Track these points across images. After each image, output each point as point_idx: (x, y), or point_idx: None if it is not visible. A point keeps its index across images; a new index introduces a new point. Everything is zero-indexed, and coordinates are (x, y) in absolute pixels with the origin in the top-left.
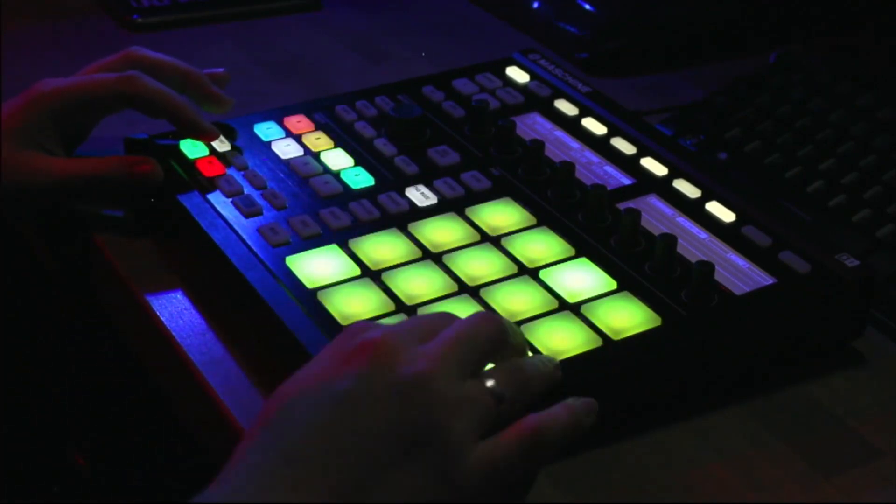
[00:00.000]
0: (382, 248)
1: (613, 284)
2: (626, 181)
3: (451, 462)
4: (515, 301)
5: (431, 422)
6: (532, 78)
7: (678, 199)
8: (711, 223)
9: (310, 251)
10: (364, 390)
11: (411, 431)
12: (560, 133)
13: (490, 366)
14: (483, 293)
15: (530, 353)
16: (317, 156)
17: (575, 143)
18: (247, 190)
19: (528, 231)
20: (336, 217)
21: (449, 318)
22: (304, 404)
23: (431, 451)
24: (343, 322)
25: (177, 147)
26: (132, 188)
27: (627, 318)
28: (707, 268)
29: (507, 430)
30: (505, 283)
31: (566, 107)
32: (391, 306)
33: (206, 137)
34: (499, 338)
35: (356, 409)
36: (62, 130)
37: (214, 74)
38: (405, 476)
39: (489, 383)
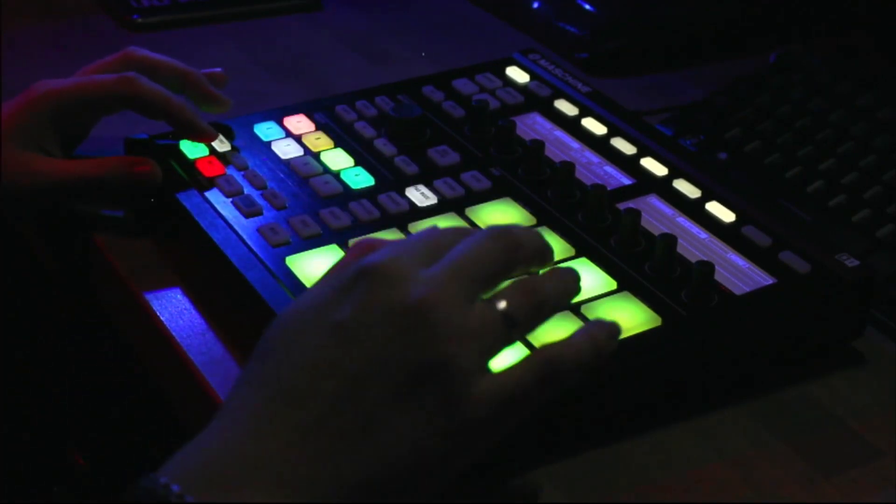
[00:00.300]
0: None
1: (613, 284)
2: (626, 181)
3: (459, 394)
4: None
5: (436, 352)
6: (532, 78)
7: (678, 199)
8: (711, 223)
9: (310, 251)
10: (363, 320)
11: (415, 363)
12: (560, 133)
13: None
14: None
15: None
16: (317, 156)
17: (575, 143)
18: (247, 190)
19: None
20: (336, 217)
21: (459, 233)
22: (302, 335)
23: (437, 383)
24: None
25: (177, 147)
26: (132, 188)
27: (627, 318)
28: (707, 268)
29: (520, 362)
30: (505, 283)
31: (566, 107)
32: None
33: (204, 139)
34: (512, 255)
35: (355, 340)
36: (61, 131)
37: (213, 75)
38: (409, 410)
39: (501, 305)
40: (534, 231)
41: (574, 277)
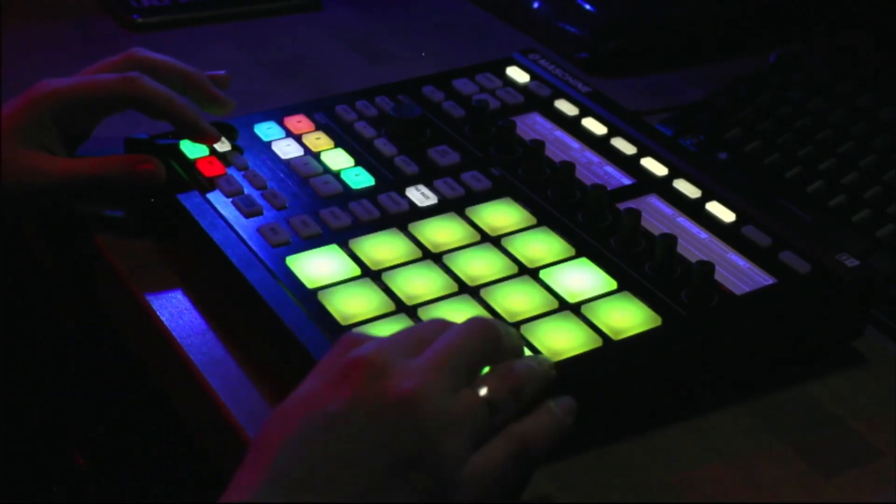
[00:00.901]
0: (382, 248)
1: (613, 284)
2: (626, 181)
3: (446, 480)
4: (515, 301)
5: (424, 442)
6: (532, 78)
7: (678, 199)
8: (711, 223)
9: (310, 251)
10: (356, 411)
11: (404, 453)
12: (560, 133)
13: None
14: (483, 293)
15: (527, 352)
16: (317, 156)
17: (575, 143)
18: (247, 190)
19: (528, 231)
20: (336, 217)
21: (442, 325)
22: (299, 428)
23: (425, 470)
24: (343, 322)
25: (177, 147)
26: (133, 188)
27: (627, 318)
28: (707, 268)
29: (495, 441)
30: (505, 283)
31: (566, 107)
32: (391, 306)
33: (207, 140)
34: (492, 345)
35: (349, 431)
36: (63, 130)
37: (216, 77)
38: (402, 493)
39: (482, 392)
40: (509, 327)
41: (549, 363)
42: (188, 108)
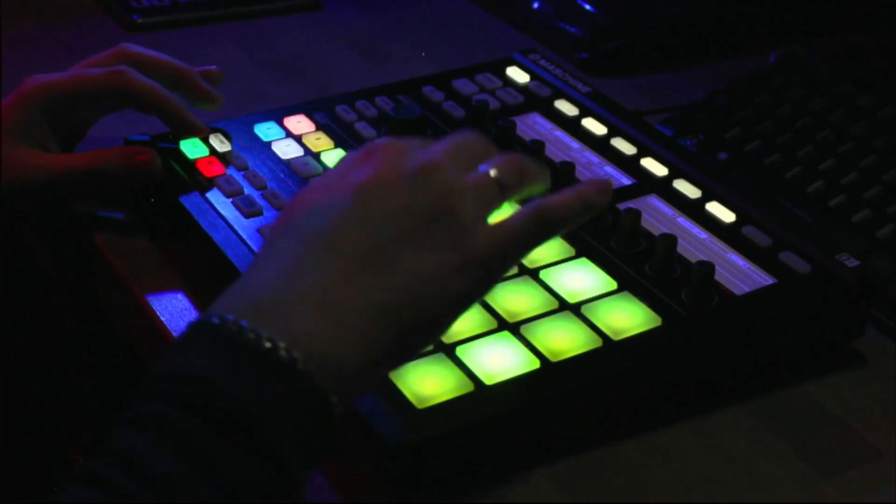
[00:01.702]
0: None
1: (613, 284)
2: (626, 181)
3: (465, 237)
4: (515, 301)
5: (443, 203)
6: (532, 78)
7: (678, 199)
8: (711, 223)
9: None
10: (380, 179)
11: (426, 211)
12: (560, 133)
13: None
14: None
15: (526, 350)
16: (317, 156)
17: (575, 143)
18: (247, 190)
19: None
20: None
21: (432, 140)
22: (328, 197)
23: (446, 227)
24: None
25: (177, 147)
26: (132, 181)
27: (627, 318)
28: (707, 268)
29: (515, 213)
30: (505, 283)
31: (566, 107)
32: None
33: (195, 133)
34: (487, 146)
35: (375, 194)
36: (55, 126)
37: (207, 72)
38: (425, 248)
39: (491, 172)
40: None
41: (548, 169)
42: (175, 102)
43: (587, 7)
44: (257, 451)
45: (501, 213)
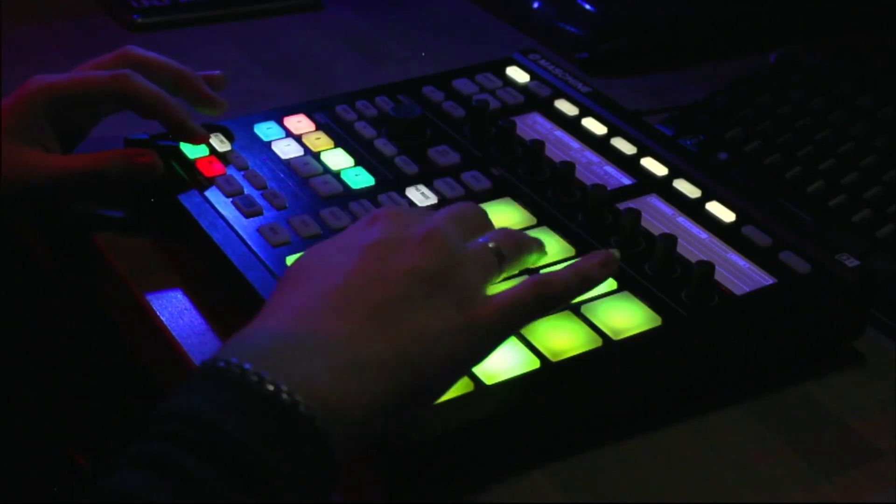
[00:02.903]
0: None
1: (613, 284)
2: (626, 181)
3: (467, 299)
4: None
5: (447, 268)
6: (532, 78)
7: (678, 199)
8: (711, 223)
9: None
10: (388, 242)
11: (431, 274)
12: (560, 133)
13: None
14: None
15: (525, 349)
16: (317, 156)
17: (575, 143)
18: (247, 190)
19: (528, 231)
20: (336, 217)
21: (433, 210)
22: (337, 258)
23: (449, 291)
24: None
25: (177, 147)
26: (133, 182)
27: (627, 318)
28: (707, 268)
29: (516, 284)
30: (505, 283)
31: (566, 107)
32: None
33: (195, 140)
34: (484, 217)
35: (381, 256)
36: (56, 127)
37: (211, 77)
38: (430, 309)
39: (490, 244)
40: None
41: (542, 243)
42: (177, 108)
43: (587, 7)
44: (258, 492)
45: (502, 285)
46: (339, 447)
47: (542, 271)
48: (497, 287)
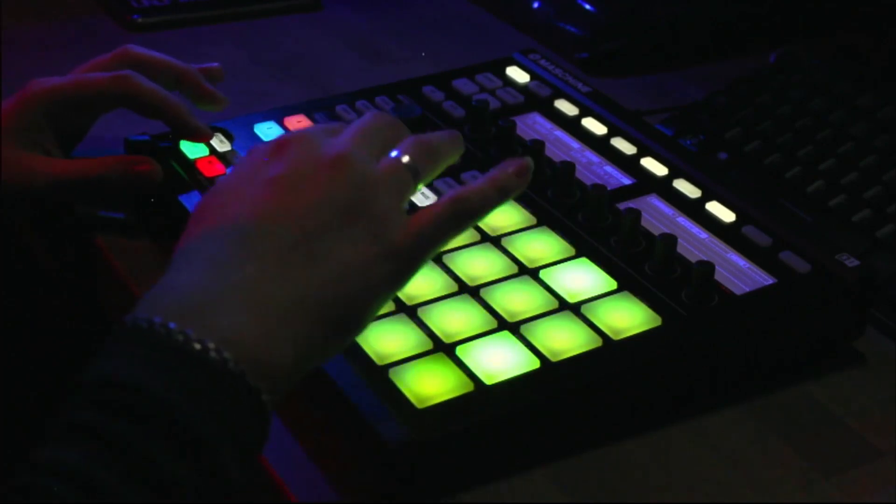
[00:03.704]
0: None
1: (613, 284)
2: (626, 181)
3: (383, 228)
4: (515, 301)
5: (358, 196)
6: (532, 78)
7: (678, 199)
8: (711, 223)
9: None
10: (296, 173)
11: (343, 203)
12: (560, 133)
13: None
14: (483, 293)
15: (524, 348)
16: None
17: (575, 143)
18: None
19: (528, 231)
20: None
21: (342, 124)
22: (244, 192)
23: (363, 220)
24: None
25: (177, 147)
26: (131, 188)
27: (627, 318)
28: (707, 268)
29: (433, 204)
30: (505, 283)
31: (566, 107)
32: (391, 306)
33: (200, 139)
34: (394, 127)
35: (293, 188)
36: (57, 129)
37: (209, 70)
38: (345, 242)
39: (404, 159)
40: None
41: (457, 134)
42: (180, 107)
43: (587, 7)
44: (193, 451)
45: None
46: (270, 398)
47: (541, 272)
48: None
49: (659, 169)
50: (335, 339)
